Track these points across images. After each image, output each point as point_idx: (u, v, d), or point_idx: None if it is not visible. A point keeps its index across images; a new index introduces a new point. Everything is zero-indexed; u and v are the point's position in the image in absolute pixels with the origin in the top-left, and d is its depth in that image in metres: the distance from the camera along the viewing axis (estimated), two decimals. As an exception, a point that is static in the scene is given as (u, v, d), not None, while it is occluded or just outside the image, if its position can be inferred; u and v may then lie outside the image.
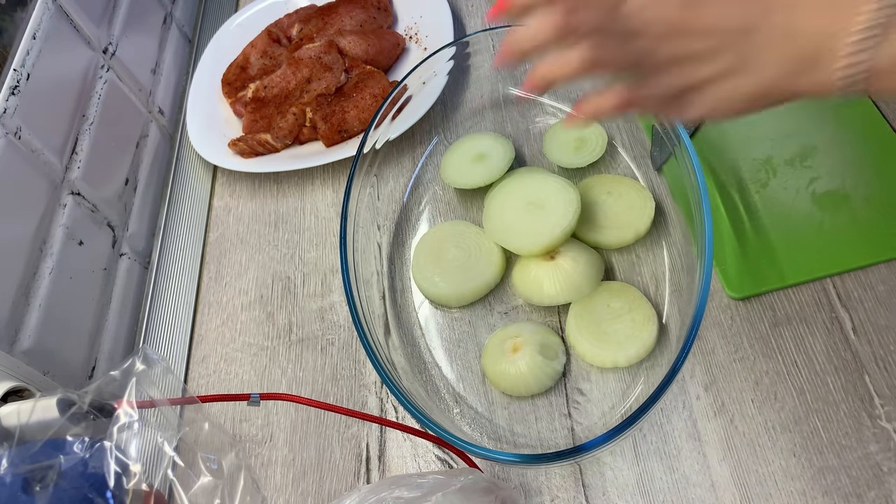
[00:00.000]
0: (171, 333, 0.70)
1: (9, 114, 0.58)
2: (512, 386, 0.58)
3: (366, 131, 0.66)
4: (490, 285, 0.64)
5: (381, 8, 0.87)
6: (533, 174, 0.65)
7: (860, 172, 0.63)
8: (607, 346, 0.57)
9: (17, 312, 0.57)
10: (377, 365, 0.53)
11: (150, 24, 0.84)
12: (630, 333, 0.57)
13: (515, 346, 0.58)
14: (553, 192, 0.60)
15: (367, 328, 0.57)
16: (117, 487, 0.39)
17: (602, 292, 0.60)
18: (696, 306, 0.49)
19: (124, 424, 0.41)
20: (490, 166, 0.69)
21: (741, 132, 0.68)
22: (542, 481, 0.55)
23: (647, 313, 0.58)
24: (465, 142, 0.73)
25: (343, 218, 0.61)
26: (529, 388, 0.57)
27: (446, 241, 0.66)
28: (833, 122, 0.67)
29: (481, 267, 0.64)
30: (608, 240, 0.63)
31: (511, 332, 0.59)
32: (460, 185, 0.70)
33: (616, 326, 0.58)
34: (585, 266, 0.59)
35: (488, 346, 0.60)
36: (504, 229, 0.61)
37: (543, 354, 0.57)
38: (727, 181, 0.65)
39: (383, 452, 0.59)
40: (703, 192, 0.53)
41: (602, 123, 0.70)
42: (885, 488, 0.50)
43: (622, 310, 0.59)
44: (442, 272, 0.64)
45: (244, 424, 0.63)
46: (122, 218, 0.72)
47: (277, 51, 0.86)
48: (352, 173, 0.64)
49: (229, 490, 0.41)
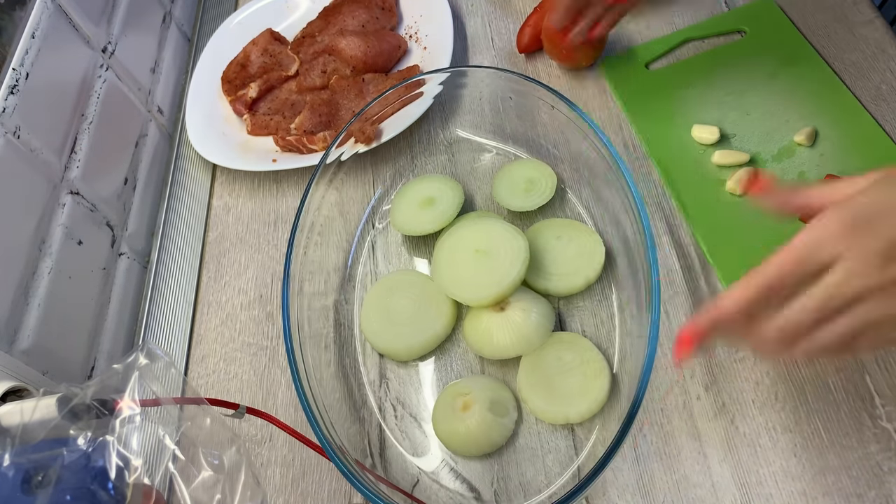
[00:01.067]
0: (170, 333, 0.70)
1: (8, 113, 0.57)
2: (462, 445, 0.56)
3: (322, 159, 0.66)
4: (440, 337, 0.62)
5: (384, 8, 0.87)
6: (482, 220, 0.63)
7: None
8: (558, 402, 0.56)
9: (16, 312, 0.56)
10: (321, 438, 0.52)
11: (149, 22, 0.84)
12: (581, 388, 0.56)
13: (466, 404, 0.56)
14: (502, 240, 0.59)
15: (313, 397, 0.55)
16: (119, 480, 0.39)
17: (553, 344, 0.59)
18: (643, 364, 0.49)
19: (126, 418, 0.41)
20: (439, 212, 0.67)
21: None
22: (541, 480, 0.55)
23: (598, 366, 0.57)
24: (415, 185, 0.71)
25: (287, 263, 0.60)
26: (480, 447, 0.56)
27: (395, 291, 0.65)
28: (820, 119, 0.68)
29: (431, 319, 0.62)
30: (558, 287, 0.61)
31: (462, 389, 0.58)
32: (409, 231, 0.68)
33: (568, 381, 0.57)
34: (536, 317, 0.58)
35: (439, 403, 0.59)
36: (453, 280, 0.60)
37: (494, 412, 0.56)
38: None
39: (384, 450, 0.59)
40: (650, 240, 0.53)
41: (556, 170, 0.69)
42: (885, 488, 0.50)
43: (573, 363, 0.58)
44: (391, 326, 0.63)
45: (244, 424, 0.63)
46: (121, 217, 0.72)
47: (278, 49, 0.86)
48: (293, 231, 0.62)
49: (230, 485, 0.41)
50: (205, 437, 0.43)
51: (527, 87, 0.65)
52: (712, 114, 0.70)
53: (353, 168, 0.75)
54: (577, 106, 0.62)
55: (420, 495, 0.56)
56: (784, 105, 0.69)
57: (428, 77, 0.70)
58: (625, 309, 0.61)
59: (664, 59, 0.76)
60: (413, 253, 0.69)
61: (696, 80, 0.73)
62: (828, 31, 0.73)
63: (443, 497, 0.56)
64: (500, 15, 0.86)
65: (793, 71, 0.71)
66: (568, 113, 0.63)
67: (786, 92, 0.70)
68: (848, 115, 0.67)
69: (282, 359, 0.66)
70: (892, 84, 0.68)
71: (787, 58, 0.72)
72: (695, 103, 0.72)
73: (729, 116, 0.70)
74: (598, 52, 0.76)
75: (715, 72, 0.73)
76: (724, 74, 0.73)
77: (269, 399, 0.64)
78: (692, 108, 0.71)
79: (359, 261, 0.70)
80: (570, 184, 0.69)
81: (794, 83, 0.70)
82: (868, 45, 0.71)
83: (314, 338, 0.62)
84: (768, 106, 0.70)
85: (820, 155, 0.65)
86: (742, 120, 0.69)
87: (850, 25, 0.73)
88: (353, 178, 0.75)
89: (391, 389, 0.62)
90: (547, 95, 0.63)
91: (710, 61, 0.74)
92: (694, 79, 0.73)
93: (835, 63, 0.70)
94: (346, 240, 0.71)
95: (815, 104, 0.69)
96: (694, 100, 0.72)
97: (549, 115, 0.66)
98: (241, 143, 0.80)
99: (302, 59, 0.85)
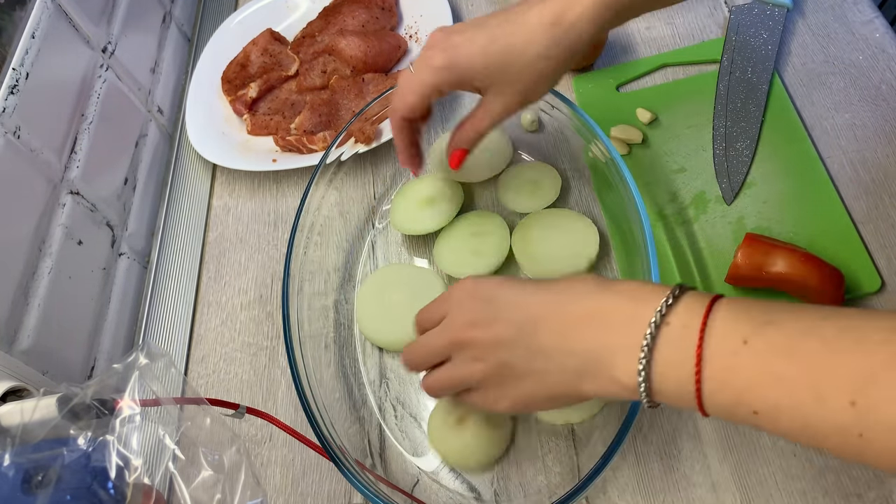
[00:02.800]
0: (170, 333, 0.70)
1: (8, 113, 0.57)
2: (461, 458, 0.56)
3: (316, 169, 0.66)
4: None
5: (385, 8, 0.87)
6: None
7: (790, 211, 0.63)
8: None
9: (16, 312, 0.56)
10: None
11: (149, 22, 0.84)
12: None
13: (460, 418, 0.56)
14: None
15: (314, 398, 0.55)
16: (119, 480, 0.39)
17: None
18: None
19: (126, 418, 0.40)
20: (439, 210, 0.68)
21: (676, 165, 0.68)
22: (540, 480, 0.55)
23: None
24: (415, 185, 0.71)
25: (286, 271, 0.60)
26: (479, 462, 0.56)
27: (390, 285, 0.65)
28: (770, 160, 0.67)
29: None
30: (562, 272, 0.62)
31: (454, 409, 0.57)
32: (409, 230, 0.68)
33: None
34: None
35: (433, 422, 0.58)
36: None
37: (490, 421, 0.56)
38: (667, 213, 0.66)
39: (384, 450, 0.59)
40: (650, 239, 0.54)
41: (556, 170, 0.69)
42: (885, 488, 0.50)
43: None
44: (389, 319, 0.63)
45: (244, 424, 0.63)
46: (121, 217, 0.72)
47: (278, 49, 0.86)
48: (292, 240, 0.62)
49: (230, 485, 0.41)
50: (205, 437, 0.43)
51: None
52: (668, 144, 0.69)
53: (353, 168, 0.75)
54: (578, 106, 0.62)
55: (420, 495, 0.56)
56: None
57: None
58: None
59: (637, 83, 0.75)
60: (413, 252, 0.69)
61: (661, 108, 0.72)
62: (828, 31, 0.73)
63: (443, 497, 0.56)
64: (500, 15, 0.86)
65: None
66: (568, 113, 0.63)
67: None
68: (805, 167, 0.65)
69: (282, 359, 0.66)
70: (892, 84, 0.68)
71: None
72: (654, 131, 0.70)
73: (683, 149, 0.69)
74: (598, 52, 0.76)
75: (681, 102, 0.72)
76: (689, 106, 0.71)
77: (269, 399, 0.64)
78: (650, 135, 0.70)
79: (359, 261, 0.70)
80: (571, 183, 0.69)
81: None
82: (868, 45, 0.71)
83: (314, 338, 0.62)
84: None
85: (763, 202, 0.64)
86: (695, 155, 0.68)
87: (850, 25, 0.73)
88: (353, 178, 0.75)
89: (391, 389, 0.62)
90: (547, 95, 0.63)
91: (680, 90, 0.73)
92: (659, 106, 0.72)
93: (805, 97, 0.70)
94: (346, 240, 0.71)
95: (772, 149, 0.67)
96: (654, 127, 0.71)
97: (549, 115, 0.66)
98: (241, 143, 0.80)
99: (302, 59, 0.85)
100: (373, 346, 0.64)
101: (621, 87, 0.75)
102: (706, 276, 0.61)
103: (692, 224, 0.64)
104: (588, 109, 0.62)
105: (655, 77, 0.75)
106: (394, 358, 0.64)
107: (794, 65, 0.72)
